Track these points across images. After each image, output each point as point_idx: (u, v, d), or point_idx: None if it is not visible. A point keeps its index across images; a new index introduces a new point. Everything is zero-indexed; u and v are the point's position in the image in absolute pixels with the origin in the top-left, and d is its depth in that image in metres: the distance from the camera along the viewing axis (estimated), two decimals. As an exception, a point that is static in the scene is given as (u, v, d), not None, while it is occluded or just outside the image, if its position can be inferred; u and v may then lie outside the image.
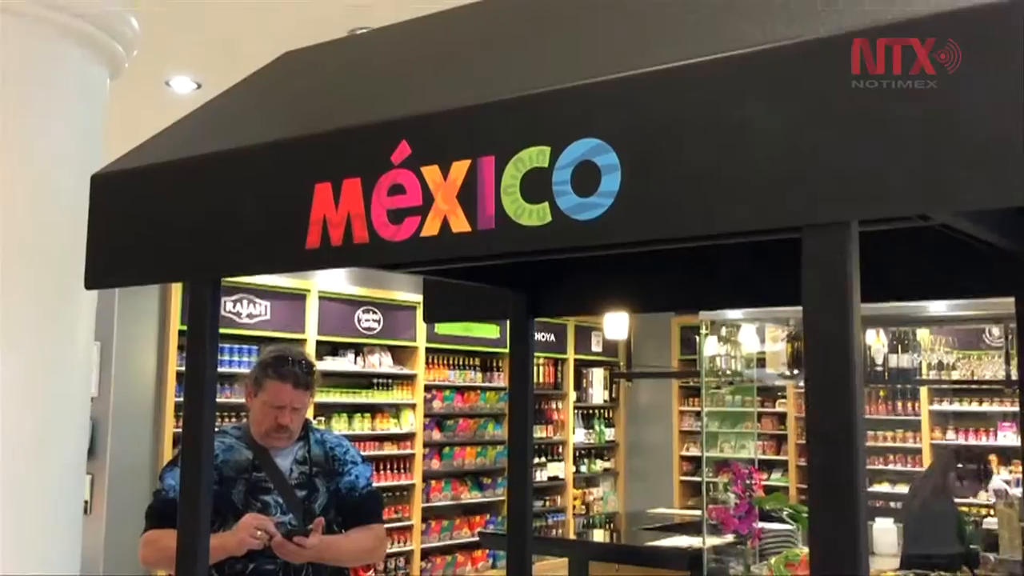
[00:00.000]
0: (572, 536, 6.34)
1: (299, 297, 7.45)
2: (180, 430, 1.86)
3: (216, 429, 2.98)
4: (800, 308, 1.10)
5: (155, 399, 6.54)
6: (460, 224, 1.27)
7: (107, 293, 6.00)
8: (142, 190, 1.66)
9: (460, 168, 1.27)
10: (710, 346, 5.50)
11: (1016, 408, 7.68)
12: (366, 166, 1.36)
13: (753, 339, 5.61)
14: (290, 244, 1.43)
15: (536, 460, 9.40)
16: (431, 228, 1.30)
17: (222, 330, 5.88)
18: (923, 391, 8.52)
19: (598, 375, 10.42)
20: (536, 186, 1.21)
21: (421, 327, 8.37)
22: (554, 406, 9.87)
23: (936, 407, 8.72)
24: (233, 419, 6.39)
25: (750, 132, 1.07)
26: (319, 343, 7.53)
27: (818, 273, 1.06)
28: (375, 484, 3.08)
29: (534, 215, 1.21)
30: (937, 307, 4.57)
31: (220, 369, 6.81)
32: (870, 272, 1.12)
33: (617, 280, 2.06)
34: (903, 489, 8.90)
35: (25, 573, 3.21)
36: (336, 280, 7.76)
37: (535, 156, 1.22)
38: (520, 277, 2.07)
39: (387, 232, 1.34)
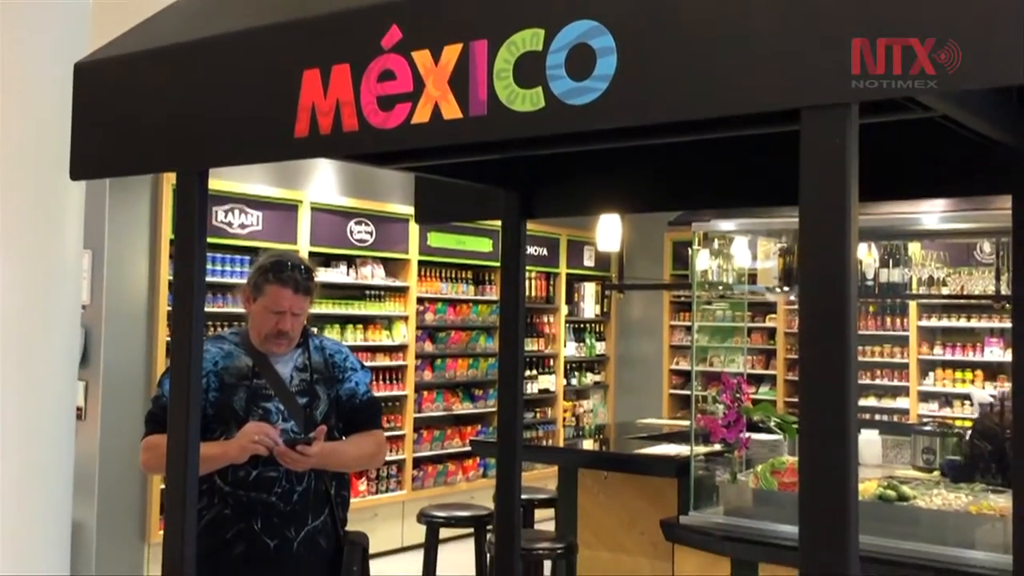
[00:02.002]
0: (562, 445, 6.42)
1: (291, 208, 7.40)
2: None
3: (214, 335, 2.98)
4: (795, 221, 1.08)
5: (147, 307, 6.53)
6: (451, 110, 1.25)
7: (97, 200, 5.94)
8: (127, 79, 1.62)
9: (452, 52, 1.24)
10: (702, 260, 5.48)
11: (1004, 324, 7.74)
12: (355, 51, 1.33)
13: (745, 254, 5.59)
14: (278, 133, 1.40)
15: (527, 373, 9.48)
16: (422, 115, 1.27)
17: (214, 240, 5.78)
18: (912, 307, 8.57)
19: (590, 289, 10.44)
20: (529, 70, 1.19)
21: (414, 240, 8.34)
22: (545, 320, 9.91)
23: (925, 323, 8.78)
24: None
25: (748, 10, 1.04)
26: (311, 254, 7.50)
27: (817, 158, 1.04)
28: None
29: (527, 100, 1.19)
30: (930, 220, 4.53)
31: (212, 279, 6.81)
32: (869, 168, 1.10)
33: (610, 180, 2.03)
34: (889, 403, 9.02)
35: (20, 478, 3.25)
36: (328, 191, 7.70)
37: (529, 39, 1.18)
38: (513, 176, 2.05)
39: (377, 119, 1.31)
